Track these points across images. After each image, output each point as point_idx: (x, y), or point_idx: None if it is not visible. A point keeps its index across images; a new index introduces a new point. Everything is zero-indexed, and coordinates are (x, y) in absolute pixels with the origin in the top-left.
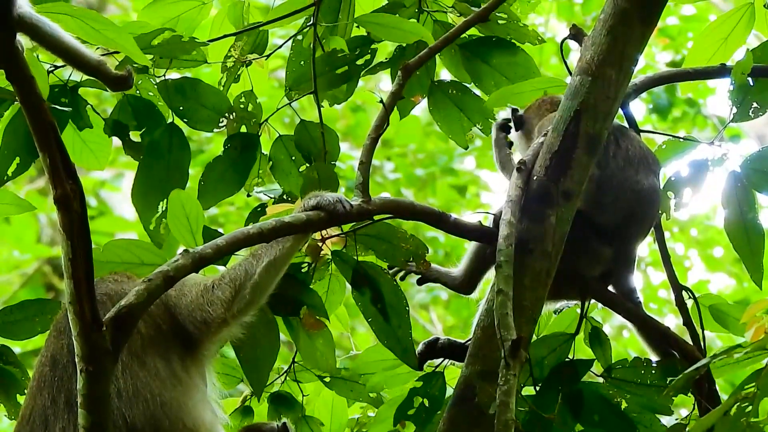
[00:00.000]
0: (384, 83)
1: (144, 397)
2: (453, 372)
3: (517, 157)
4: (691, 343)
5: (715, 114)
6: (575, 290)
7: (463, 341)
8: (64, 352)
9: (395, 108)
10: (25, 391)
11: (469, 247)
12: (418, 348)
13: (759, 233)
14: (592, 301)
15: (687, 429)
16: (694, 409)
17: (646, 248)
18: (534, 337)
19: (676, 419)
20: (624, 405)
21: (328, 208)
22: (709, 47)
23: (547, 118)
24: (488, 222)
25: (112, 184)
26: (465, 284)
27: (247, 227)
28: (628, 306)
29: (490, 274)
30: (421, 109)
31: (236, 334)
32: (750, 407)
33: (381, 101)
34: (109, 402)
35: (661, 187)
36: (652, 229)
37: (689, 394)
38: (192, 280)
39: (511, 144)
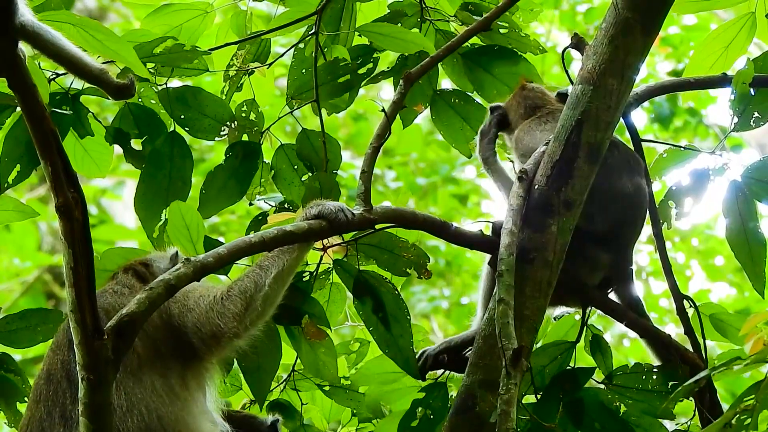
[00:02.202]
0: (386, 92)
1: (139, 410)
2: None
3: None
4: (692, 351)
5: (717, 123)
6: (576, 298)
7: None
8: (57, 367)
9: (398, 117)
10: (26, 399)
11: (479, 299)
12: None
13: (760, 242)
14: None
15: None
16: (694, 416)
17: (647, 257)
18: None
19: (677, 425)
20: (623, 409)
21: (329, 217)
22: (710, 56)
23: (526, 123)
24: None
25: (113, 192)
26: None
27: (248, 236)
28: (629, 314)
29: None
30: (422, 117)
31: (242, 347)
32: (749, 420)
33: (383, 110)
34: (110, 411)
35: (662, 195)
36: (654, 238)
37: (690, 399)
38: (196, 294)
39: (496, 137)
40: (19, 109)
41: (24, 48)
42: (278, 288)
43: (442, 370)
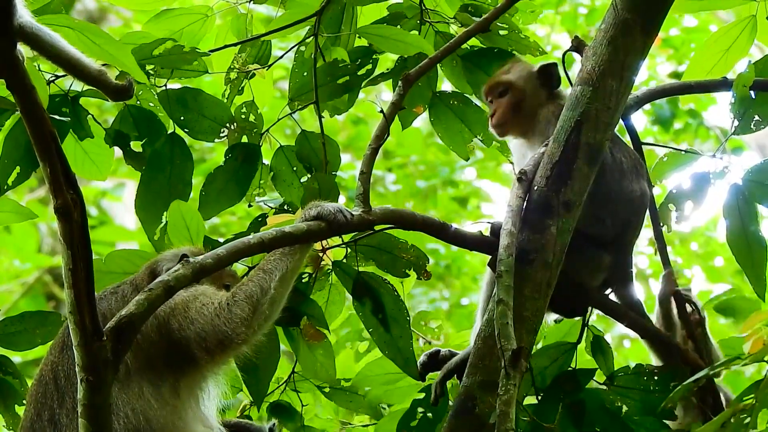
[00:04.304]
0: (385, 94)
1: (125, 412)
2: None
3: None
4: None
5: (718, 125)
6: (578, 300)
7: (461, 352)
8: (48, 369)
9: (397, 119)
10: (24, 401)
11: (480, 303)
12: (420, 359)
13: (761, 245)
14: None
15: None
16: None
17: (647, 260)
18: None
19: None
20: (625, 409)
21: (328, 218)
22: (710, 59)
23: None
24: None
25: (113, 194)
26: None
27: (247, 237)
28: (629, 315)
29: None
30: (422, 120)
31: (247, 353)
32: (749, 419)
33: (381, 111)
34: (109, 412)
35: (663, 198)
36: (654, 240)
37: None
38: (197, 304)
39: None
40: (18, 111)
41: (23, 49)
42: (283, 290)
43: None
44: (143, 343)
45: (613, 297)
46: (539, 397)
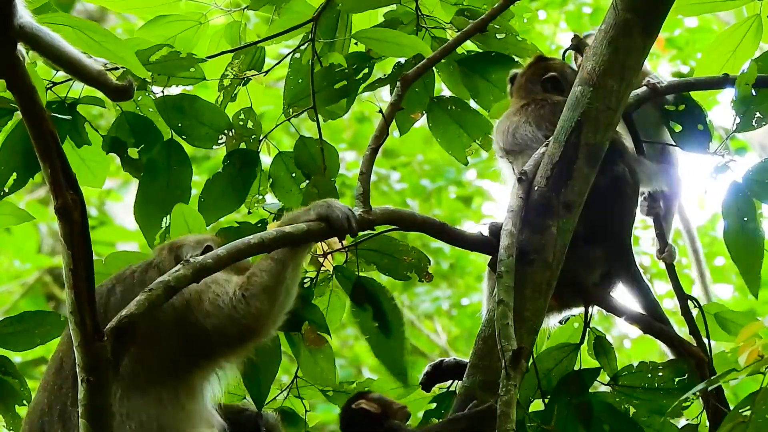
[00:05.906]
0: (385, 93)
1: (138, 416)
2: None
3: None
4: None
5: (723, 126)
6: (578, 298)
7: (467, 360)
8: (70, 363)
9: (395, 122)
10: (24, 402)
11: (483, 301)
12: (425, 369)
13: (757, 243)
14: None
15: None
16: (702, 411)
17: (650, 259)
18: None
19: (688, 420)
20: (632, 411)
21: (335, 224)
22: (717, 59)
23: (510, 109)
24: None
25: (117, 192)
26: None
27: (247, 237)
28: (629, 310)
29: None
30: (423, 121)
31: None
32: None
33: (380, 111)
34: (110, 413)
35: None
36: (657, 240)
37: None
38: (210, 294)
39: None
40: (16, 116)
41: (23, 50)
42: (296, 280)
43: (451, 381)
44: (163, 343)
45: (623, 288)
46: (546, 400)
